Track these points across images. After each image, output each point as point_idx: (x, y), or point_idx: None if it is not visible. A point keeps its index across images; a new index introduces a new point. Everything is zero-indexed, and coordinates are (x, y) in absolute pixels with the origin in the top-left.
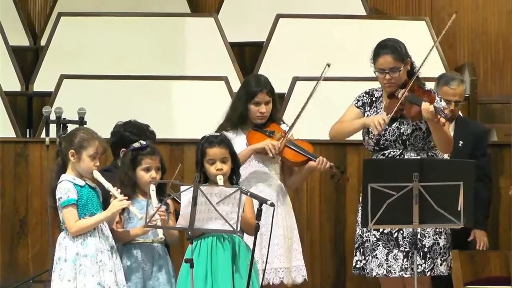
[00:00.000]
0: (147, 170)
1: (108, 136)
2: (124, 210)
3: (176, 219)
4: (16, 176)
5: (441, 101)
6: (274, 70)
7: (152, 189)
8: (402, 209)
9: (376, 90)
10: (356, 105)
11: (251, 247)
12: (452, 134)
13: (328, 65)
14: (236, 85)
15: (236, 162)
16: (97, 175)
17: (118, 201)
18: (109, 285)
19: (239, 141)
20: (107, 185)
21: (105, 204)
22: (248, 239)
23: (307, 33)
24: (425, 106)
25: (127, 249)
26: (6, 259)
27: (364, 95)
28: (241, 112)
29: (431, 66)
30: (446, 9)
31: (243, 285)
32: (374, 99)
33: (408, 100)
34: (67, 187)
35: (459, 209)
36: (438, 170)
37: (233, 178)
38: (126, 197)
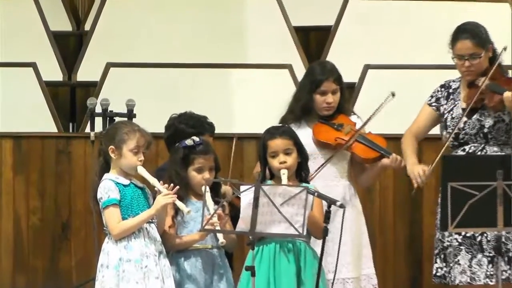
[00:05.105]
0: (200, 170)
1: (160, 130)
2: (177, 213)
3: (232, 220)
4: (58, 175)
5: None
6: (343, 57)
7: (207, 190)
8: (485, 211)
9: (453, 81)
10: (429, 102)
11: (318, 253)
12: None
13: (393, 94)
14: (301, 73)
15: (303, 155)
16: (142, 170)
17: (163, 196)
18: None
19: (302, 135)
20: (152, 180)
21: None
22: (314, 244)
23: (379, 17)
24: (507, 94)
25: (185, 256)
26: (47, 266)
27: (439, 89)
28: (304, 103)
29: None
30: None
31: None
32: (451, 91)
33: (489, 89)
34: (108, 186)
35: None
36: None
37: (301, 174)
38: (172, 192)
